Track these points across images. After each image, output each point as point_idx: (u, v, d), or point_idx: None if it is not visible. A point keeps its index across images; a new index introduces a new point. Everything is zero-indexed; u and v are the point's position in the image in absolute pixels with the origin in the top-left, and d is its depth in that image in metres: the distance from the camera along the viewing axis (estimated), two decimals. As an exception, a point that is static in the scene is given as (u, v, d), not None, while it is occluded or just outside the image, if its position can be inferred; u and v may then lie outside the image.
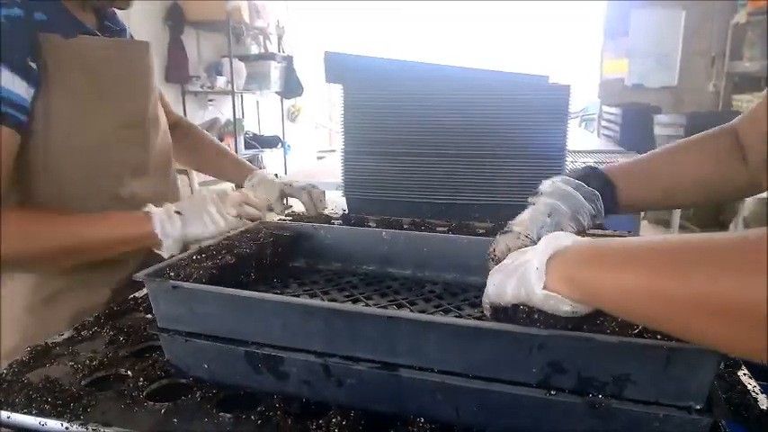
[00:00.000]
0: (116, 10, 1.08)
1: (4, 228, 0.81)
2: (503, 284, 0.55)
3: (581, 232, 0.77)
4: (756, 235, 0.37)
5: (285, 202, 1.30)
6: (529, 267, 0.52)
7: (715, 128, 0.91)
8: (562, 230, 0.73)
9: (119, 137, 0.99)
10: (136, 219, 0.90)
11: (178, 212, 0.90)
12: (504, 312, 0.56)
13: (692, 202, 0.43)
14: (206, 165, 1.42)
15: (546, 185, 0.82)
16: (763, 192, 0.85)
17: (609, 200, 0.82)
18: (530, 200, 0.82)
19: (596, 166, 0.86)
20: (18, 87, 0.83)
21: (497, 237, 0.75)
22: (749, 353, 0.39)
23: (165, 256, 0.87)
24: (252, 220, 0.96)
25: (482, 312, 0.73)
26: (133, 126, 1.03)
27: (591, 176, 0.83)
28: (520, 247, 0.65)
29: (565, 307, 0.49)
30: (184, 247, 0.90)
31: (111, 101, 0.98)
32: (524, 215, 0.78)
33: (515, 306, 0.53)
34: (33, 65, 0.85)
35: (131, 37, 1.15)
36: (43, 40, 0.86)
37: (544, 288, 0.49)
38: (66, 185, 0.93)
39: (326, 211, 1.39)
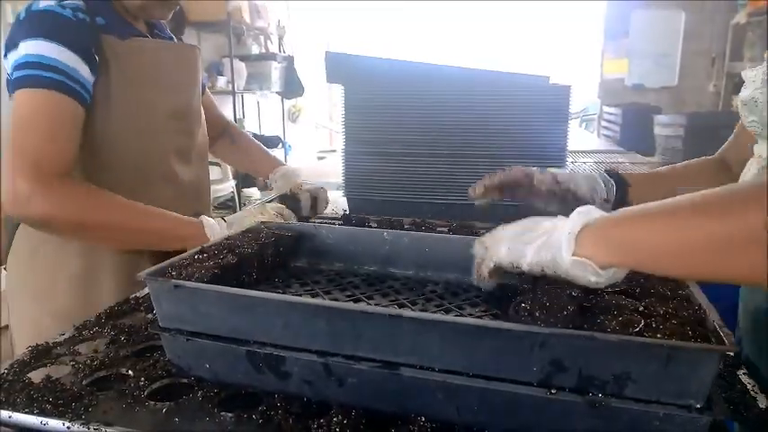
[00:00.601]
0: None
1: (77, 196, 0.94)
2: (518, 249, 0.56)
3: None
4: None
5: (312, 206, 1.33)
6: (557, 233, 0.53)
7: (704, 157, 1.05)
8: (577, 192, 0.89)
9: (168, 125, 1.13)
10: (191, 222, 1.03)
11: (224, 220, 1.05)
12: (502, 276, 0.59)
13: None
14: (251, 167, 1.57)
15: (568, 168, 1.00)
16: None
17: (621, 194, 0.94)
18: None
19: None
20: (82, 70, 0.97)
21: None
22: None
23: None
24: None
25: (483, 311, 0.74)
26: (180, 117, 1.16)
27: (609, 172, 0.97)
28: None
29: (591, 276, 0.50)
30: None
31: (162, 93, 1.12)
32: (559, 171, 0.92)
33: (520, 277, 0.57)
34: (96, 57, 0.99)
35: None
36: (104, 39, 1.01)
37: (573, 255, 0.51)
38: (120, 164, 1.06)
39: (327, 212, 1.39)
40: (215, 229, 1.02)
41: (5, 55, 0.98)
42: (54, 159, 0.93)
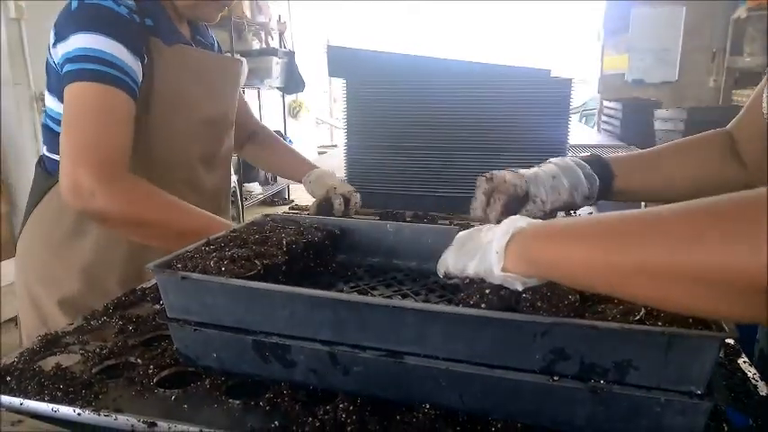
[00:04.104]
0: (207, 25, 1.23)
1: (138, 194, 0.95)
2: (462, 262, 0.61)
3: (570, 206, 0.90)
4: (694, 207, 0.44)
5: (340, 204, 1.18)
6: (489, 250, 0.57)
7: (712, 130, 0.97)
8: (560, 195, 0.86)
9: (200, 132, 1.14)
10: (225, 223, 0.98)
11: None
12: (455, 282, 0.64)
13: (687, 199, 0.50)
14: (279, 168, 1.52)
15: (556, 159, 0.91)
16: None
17: (604, 186, 0.90)
18: (537, 165, 0.90)
19: (603, 155, 0.94)
20: (136, 68, 0.98)
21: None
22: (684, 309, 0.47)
23: None
24: None
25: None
26: (212, 124, 1.18)
27: (595, 162, 0.91)
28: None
29: (518, 286, 0.55)
30: None
31: (200, 101, 1.12)
32: (531, 171, 0.88)
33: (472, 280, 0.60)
34: (145, 57, 1.01)
35: (220, 49, 1.31)
36: (152, 42, 1.02)
37: (503, 270, 0.55)
38: (146, 167, 1.04)
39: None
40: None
41: (54, 44, 0.97)
42: (116, 155, 0.93)
